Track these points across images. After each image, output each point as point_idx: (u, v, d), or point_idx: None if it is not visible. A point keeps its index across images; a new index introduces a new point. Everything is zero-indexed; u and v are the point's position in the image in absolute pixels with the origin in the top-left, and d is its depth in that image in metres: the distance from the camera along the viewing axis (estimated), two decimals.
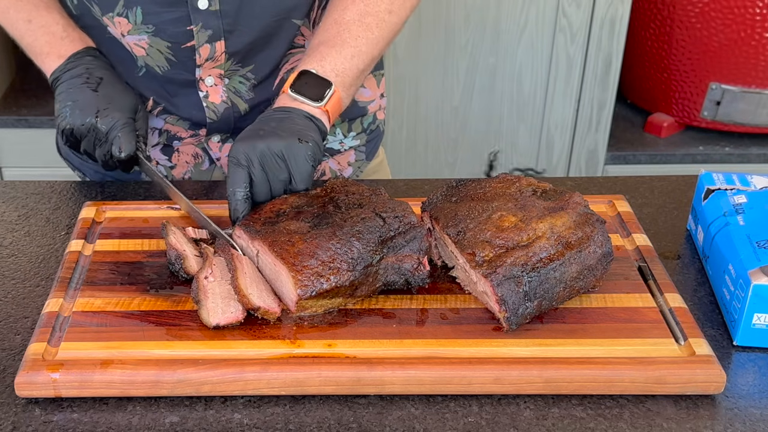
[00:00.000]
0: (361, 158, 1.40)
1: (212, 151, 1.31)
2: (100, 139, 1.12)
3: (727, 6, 2.16)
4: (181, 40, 1.17)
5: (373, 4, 1.15)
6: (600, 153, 2.39)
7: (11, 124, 2.37)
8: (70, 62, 1.16)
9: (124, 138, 1.10)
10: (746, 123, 2.33)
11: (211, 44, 1.17)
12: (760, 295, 0.92)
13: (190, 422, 0.84)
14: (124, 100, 1.15)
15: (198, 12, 1.14)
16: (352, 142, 1.37)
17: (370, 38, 1.15)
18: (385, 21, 1.16)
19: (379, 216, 0.97)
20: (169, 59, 1.20)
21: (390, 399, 0.87)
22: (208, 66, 1.20)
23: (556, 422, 0.85)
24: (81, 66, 1.16)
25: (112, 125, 1.11)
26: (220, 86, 1.23)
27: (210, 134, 1.29)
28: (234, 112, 1.26)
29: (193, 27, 1.16)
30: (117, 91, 1.15)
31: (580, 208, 0.98)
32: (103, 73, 1.16)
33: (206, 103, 1.24)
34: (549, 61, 2.28)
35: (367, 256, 0.94)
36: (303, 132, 1.05)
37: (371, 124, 1.39)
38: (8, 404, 0.86)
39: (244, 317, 0.92)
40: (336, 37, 1.13)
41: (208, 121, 1.26)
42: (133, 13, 1.16)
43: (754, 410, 0.87)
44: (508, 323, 0.91)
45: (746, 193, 1.07)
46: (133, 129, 1.12)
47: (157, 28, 1.17)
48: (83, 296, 0.96)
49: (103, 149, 1.12)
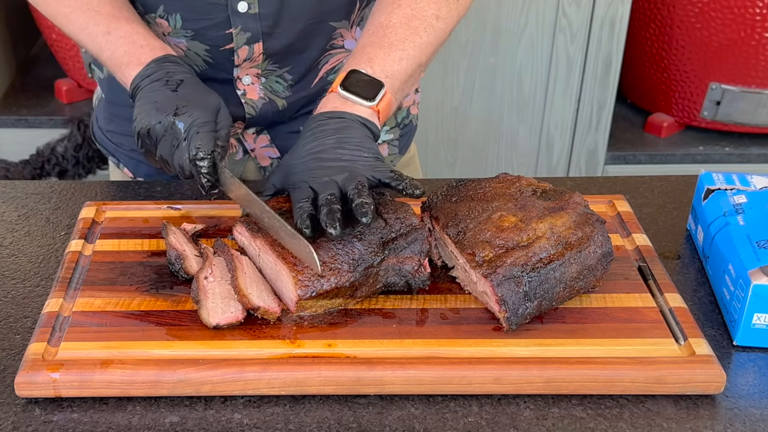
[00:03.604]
0: (394, 152, 1.39)
1: (247, 142, 1.30)
2: (178, 139, 1.02)
3: (727, 6, 2.16)
4: (220, 43, 1.18)
5: (421, 9, 1.12)
6: (600, 153, 2.39)
7: (11, 124, 2.37)
8: (150, 68, 1.09)
9: (203, 136, 1.01)
10: (746, 123, 2.33)
11: (250, 46, 1.18)
12: (760, 295, 0.92)
13: (190, 422, 0.84)
14: (205, 99, 1.06)
15: (237, 15, 1.15)
16: (385, 136, 1.37)
17: (417, 43, 1.11)
18: (433, 26, 1.13)
19: (381, 217, 0.97)
20: (207, 61, 1.20)
21: (390, 399, 0.87)
22: (246, 66, 1.21)
23: (556, 422, 0.85)
24: (161, 71, 1.09)
25: (191, 123, 1.02)
26: (257, 84, 1.23)
27: (247, 128, 1.29)
28: (272, 108, 1.26)
29: (233, 30, 1.16)
30: (198, 90, 1.08)
31: (580, 208, 0.98)
32: (183, 75, 1.09)
33: (245, 100, 1.24)
34: (549, 61, 2.28)
35: (368, 258, 0.93)
36: (362, 147, 1.01)
37: (405, 119, 1.39)
38: (8, 404, 0.86)
39: (244, 317, 0.92)
40: (383, 40, 1.10)
41: (247, 116, 1.25)
42: (173, 18, 1.16)
43: (754, 410, 0.87)
44: (508, 323, 0.91)
45: (746, 193, 1.07)
46: (213, 129, 1.03)
47: (196, 33, 1.17)
48: (83, 296, 0.96)
49: (181, 151, 1.02)
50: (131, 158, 1.34)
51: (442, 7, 1.14)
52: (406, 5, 1.12)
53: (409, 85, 1.13)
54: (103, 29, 1.13)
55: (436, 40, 1.14)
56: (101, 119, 1.37)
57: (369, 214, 0.92)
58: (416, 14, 1.12)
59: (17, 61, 2.61)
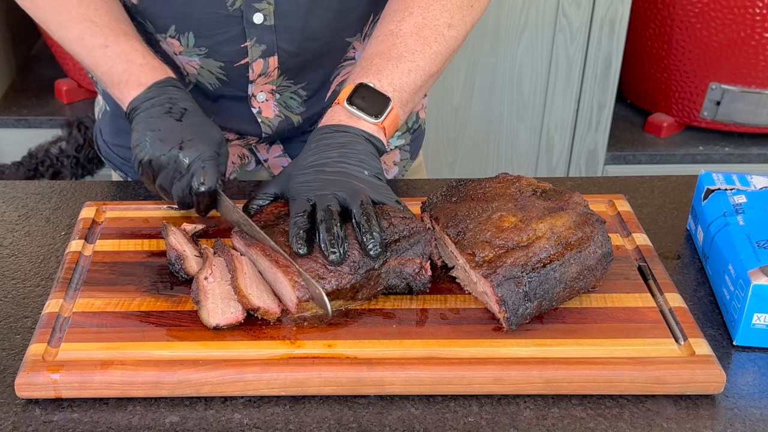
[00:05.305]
0: (405, 157, 1.38)
1: (259, 152, 1.29)
2: (180, 172, 1.03)
3: (727, 6, 2.16)
4: (235, 58, 1.16)
5: (432, 17, 1.09)
6: (600, 153, 2.39)
7: (11, 124, 2.37)
8: (152, 91, 1.07)
9: (208, 170, 1.01)
10: (746, 123, 2.33)
11: (265, 59, 1.15)
12: (760, 295, 0.92)
13: (190, 422, 0.84)
14: (209, 133, 1.06)
15: (253, 27, 1.12)
16: (397, 142, 1.36)
17: (428, 53, 1.08)
18: (444, 35, 1.10)
19: (384, 219, 0.96)
20: (221, 78, 1.18)
21: (390, 399, 0.87)
22: (260, 82, 1.18)
23: (556, 422, 0.85)
24: (164, 95, 1.07)
25: (195, 157, 1.02)
26: (272, 101, 1.21)
27: (260, 141, 1.28)
28: (288, 124, 1.24)
29: (248, 42, 1.14)
30: (202, 123, 1.07)
31: (580, 208, 0.98)
32: (187, 104, 1.08)
33: (261, 119, 1.22)
34: (549, 61, 2.28)
35: (369, 260, 0.93)
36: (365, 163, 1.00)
37: (415, 123, 1.38)
38: (8, 404, 0.86)
39: (244, 318, 0.92)
40: (392, 50, 1.08)
41: (263, 135, 1.24)
42: (185, 37, 1.14)
43: (754, 410, 0.87)
44: (508, 323, 0.91)
45: (746, 193, 1.07)
46: (217, 163, 1.03)
47: (210, 50, 1.15)
48: (83, 297, 0.96)
49: (182, 183, 1.03)
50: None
51: (455, 14, 1.11)
52: (418, 13, 1.09)
53: (418, 96, 1.11)
54: (100, 42, 1.10)
55: (448, 49, 1.12)
56: (106, 133, 1.35)
57: (378, 247, 0.93)
58: (427, 23, 1.09)
59: (17, 61, 2.61)
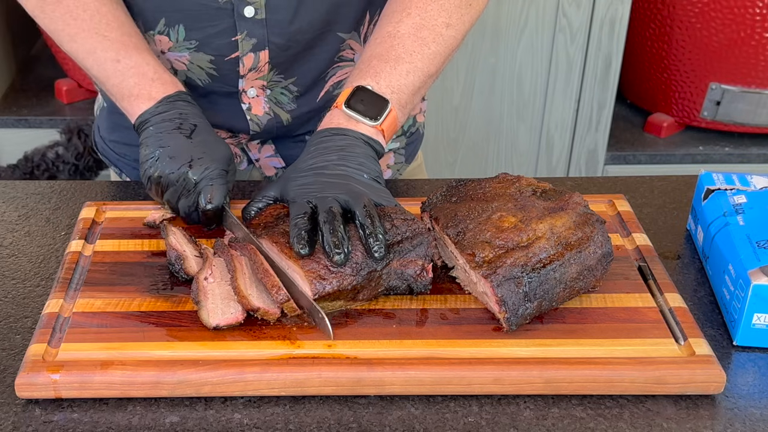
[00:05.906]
0: (400, 161, 1.37)
1: (251, 152, 1.29)
2: (188, 189, 1.04)
3: (727, 6, 2.16)
4: (225, 52, 1.15)
5: (430, 17, 1.09)
6: (600, 153, 2.39)
7: (11, 124, 2.38)
8: (162, 105, 1.08)
9: (215, 189, 1.03)
10: (746, 123, 2.33)
11: (255, 54, 1.15)
12: (760, 295, 0.92)
13: (190, 422, 0.84)
14: (218, 150, 1.07)
15: (244, 20, 1.12)
16: (392, 145, 1.35)
17: (426, 54, 1.08)
18: (443, 35, 1.10)
19: (387, 220, 0.96)
20: (211, 74, 1.18)
21: (390, 399, 0.87)
22: (251, 77, 1.18)
23: (556, 422, 0.85)
24: (174, 110, 1.08)
25: (204, 175, 1.03)
26: (262, 97, 1.21)
27: (251, 139, 1.27)
28: (277, 122, 1.24)
29: (238, 36, 1.13)
30: (212, 140, 1.08)
31: (580, 208, 0.98)
32: (197, 120, 1.08)
33: (250, 116, 1.22)
34: (549, 61, 2.28)
35: (371, 261, 0.93)
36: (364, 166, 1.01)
37: (411, 127, 1.37)
38: (8, 404, 0.86)
39: (244, 318, 0.92)
40: (390, 51, 1.08)
41: (251, 132, 1.24)
42: (174, 30, 1.14)
43: (754, 410, 0.87)
44: (508, 324, 0.91)
45: (746, 193, 1.07)
46: (225, 181, 1.04)
47: (200, 43, 1.15)
48: (83, 297, 0.96)
49: (189, 200, 1.04)
50: (134, 168, 1.32)
51: (453, 14, 1.11)
52: (416, 14, 1.09)
53: (417, 97, 1.11)
54: (111, 56, 1.10)
55: (446, 49, 1.12)
56: (103, 128, 1.35)
57: (382, 249, 0.93)
58: (425, 23, 1.09)
59: (17, 61, 2.61)
